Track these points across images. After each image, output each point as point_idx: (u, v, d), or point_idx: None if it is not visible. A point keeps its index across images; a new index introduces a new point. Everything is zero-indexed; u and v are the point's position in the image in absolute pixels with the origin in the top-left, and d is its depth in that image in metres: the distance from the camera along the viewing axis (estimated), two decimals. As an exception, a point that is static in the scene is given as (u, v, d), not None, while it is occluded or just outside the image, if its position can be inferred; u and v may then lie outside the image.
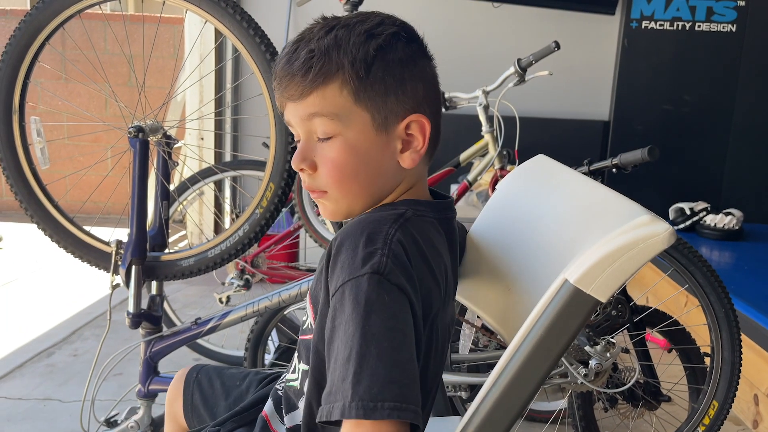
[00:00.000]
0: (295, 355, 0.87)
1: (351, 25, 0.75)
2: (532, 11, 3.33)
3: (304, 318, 0.85)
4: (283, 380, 0.92)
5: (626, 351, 1.57)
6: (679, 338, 1.67)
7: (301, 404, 0.82)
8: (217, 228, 3.58)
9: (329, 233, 2.16)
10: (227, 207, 3.45)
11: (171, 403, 1.12)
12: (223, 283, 2.29)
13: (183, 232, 3.81)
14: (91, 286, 2.96)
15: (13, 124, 1.51)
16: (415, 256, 0.72)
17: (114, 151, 3.58)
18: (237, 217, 3.03)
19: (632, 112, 3.47)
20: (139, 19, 4.19)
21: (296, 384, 0.84)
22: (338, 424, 0.67)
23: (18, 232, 3.96)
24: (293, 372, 0.86)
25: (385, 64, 0.74)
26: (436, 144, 0.82)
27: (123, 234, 1.54)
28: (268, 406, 0.91)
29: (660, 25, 3.39)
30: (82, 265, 1.62)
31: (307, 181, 0.80)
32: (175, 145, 1.57)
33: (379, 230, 0.71)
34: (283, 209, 1.53)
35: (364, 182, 0.77)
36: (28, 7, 6.89)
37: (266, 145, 1.49)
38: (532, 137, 2.27)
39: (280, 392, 0.91)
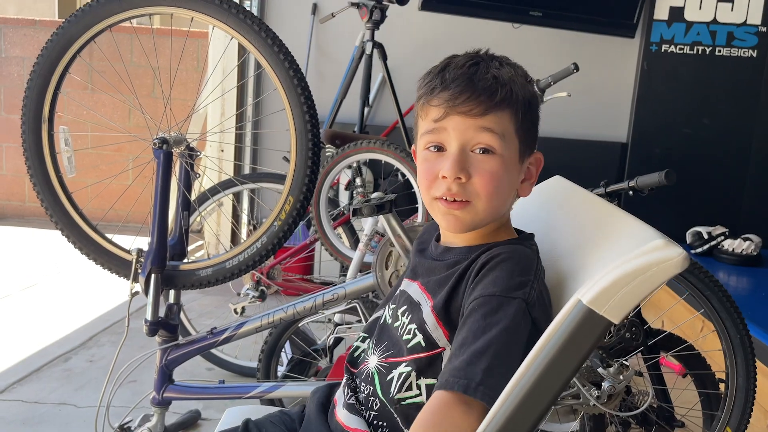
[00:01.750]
0: (412, 374, 0.86)
1: (513, 66, 0.90)
2: (551, 32, 3.35)
3: (416, 338, 0.87)
4: (382, 402, 0.89)
5: (640, 374, 1.56)
6: (693, 363, 1.66)
7: None
8: (234, 239, 3.62)
9: (345, 247, 2.18)
10: (245, 218, 3.49)
11: None
12: (239, 294, 2.31)
13: (200, 242, 3.85)
14: (108, 294, 3.00)
15: (42, 132, 1.56)
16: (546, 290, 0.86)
17: (136, 161, 3.64)
18: (254, 228, 3.06)
19: (651, 134, 3.46)
20: (165, 33, 4.28)
21: (422, 399, 0.85)
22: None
23: (38, 238, 4.03)
24: (408, 389, 0.86)
25: (535, 108, 0.91)
26: None
27: (144, 242, 1.56)
28: None
29: (680, 49, 3.39)
30: (99, 272, 1.65)
31: (453, 189, 0.86)
32: (197, 157, 1.60)
33: (530, 264, 0.84)
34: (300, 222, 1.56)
35: (503, 199, 0.89)
36: (57, 17, 7.05)
37: (287, 159, 1.52)
38: (549, 158, 2.25)
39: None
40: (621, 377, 1.40)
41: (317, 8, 3.46)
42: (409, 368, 0.86)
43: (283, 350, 1.94)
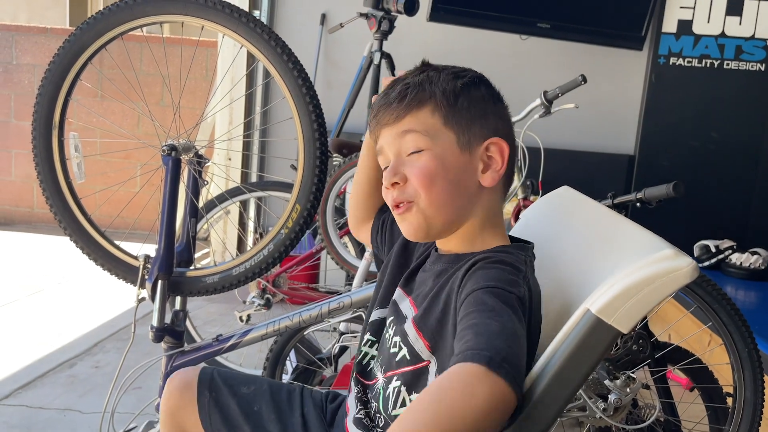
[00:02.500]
0: (402, 389, 0.85)
1: (440, 69, 0.90)
2: (559, 44, 3.36)
3: (402, 351, 0.86)
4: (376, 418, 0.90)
5: (647, 387, 1.55)
6: (701, 377, 1.64)
7: None
8: (241, 246, 3.62)
9: (351, 256, 2.18)
10: (251, 226, 3.50)
11: (174, 414, 1.05)
12: (244, 302, 2.31)
13: (206, 250, 3.86)
14: (114, 300, 3.00)
15: (53, 138, 1.56)
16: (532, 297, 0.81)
17: (144, 168, 3.67)
18: (261, 236, 3.07)
19: (658, 147, 3.46)
20: (175, 42, 4.31)
21: None
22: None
23: (45, 244, 4.04)
24: (402, 405, 0.85)
25: (470, 98, 0.88)
26: (508, 183, 0.92)
27: (151, 249, 1.57)
28: None
29: (688, 62, 3.39)
30: (106, 278, 1.65)
31: (395, 195, 0.88)
32: (205, 164, 1.61)
33: (517, 268, 0.81)
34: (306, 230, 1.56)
35: (448, 192, 0.86)
36: (68, 26, 7.12)
37: (294, 168, 1.52)
38: (556, 169, 2.28)
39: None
40: (628, 390, 1.39)
41: (326, 18, 3.48)
42: (398, 382, 0.86)
43: (288, 358, 1.94)
